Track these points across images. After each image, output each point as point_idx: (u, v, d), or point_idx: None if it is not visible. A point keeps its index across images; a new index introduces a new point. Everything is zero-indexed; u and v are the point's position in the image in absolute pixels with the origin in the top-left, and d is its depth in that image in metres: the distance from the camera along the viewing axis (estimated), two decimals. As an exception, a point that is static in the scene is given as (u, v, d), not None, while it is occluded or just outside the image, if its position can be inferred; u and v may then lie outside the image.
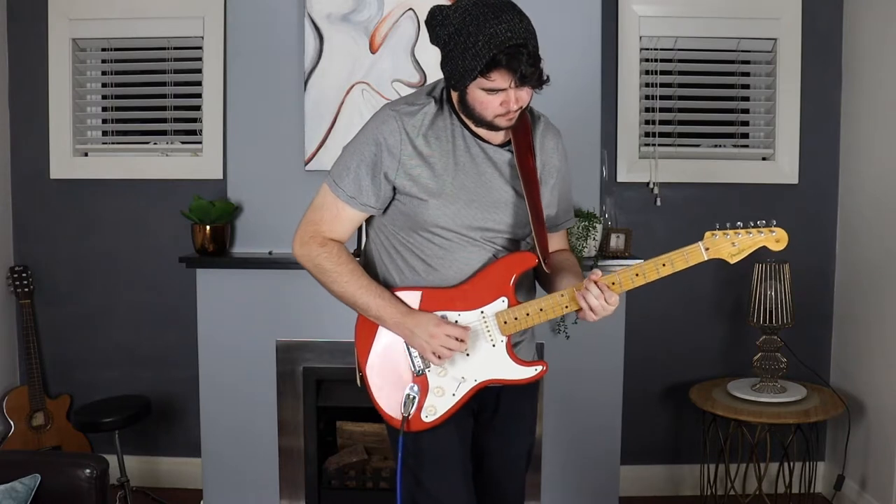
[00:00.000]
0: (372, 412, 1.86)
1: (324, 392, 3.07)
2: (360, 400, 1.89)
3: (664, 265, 1.72)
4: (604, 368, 3.02)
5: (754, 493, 3.08)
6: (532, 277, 1.92)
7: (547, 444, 3.03)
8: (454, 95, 1.74)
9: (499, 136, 1.79)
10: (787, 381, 3.10)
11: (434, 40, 1.68)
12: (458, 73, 1.61)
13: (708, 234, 1.73)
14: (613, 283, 1.72)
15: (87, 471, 2.13)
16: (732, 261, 1.74)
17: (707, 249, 1.72)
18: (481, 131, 1.77)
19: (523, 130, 1.80)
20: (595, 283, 1.70)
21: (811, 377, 3.20)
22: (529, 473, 2.98)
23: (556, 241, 1.97)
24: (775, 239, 1.73)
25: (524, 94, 1.65)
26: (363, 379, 1.85)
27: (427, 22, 1.69)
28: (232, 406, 3.06)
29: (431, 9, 1.68)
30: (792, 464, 3.03)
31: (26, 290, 3.40)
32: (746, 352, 3.25)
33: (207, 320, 3.04)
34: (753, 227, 1.73)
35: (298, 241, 1.82)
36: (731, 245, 1.72)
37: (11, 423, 3.34)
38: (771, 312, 2.98)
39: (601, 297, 1.70)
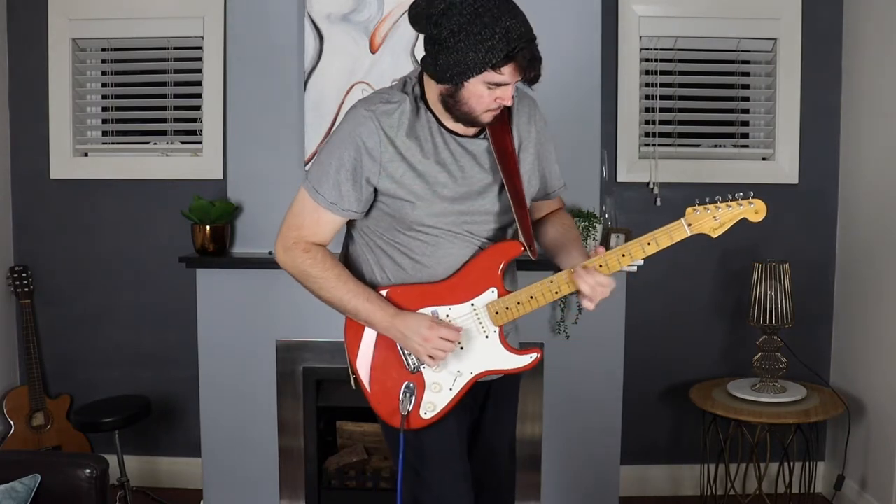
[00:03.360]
0: (372, 412, 1.86)
1: (324, 392, 3.07)
2: (360, 400, 1.89)
3: (649, 244, 1.72)
4: (604, 368, 3.01)
5: (754, 493, 3.08)
6: (516, 267, 1.92)
7: (547, 444, 3.03)
8: (433, 91, 1.69)
9: (472, 128, 1.76)
10: (787, 381, 3.10)
11: (430, 29, 1.59)
12: (464, 65, 1.57)
13: (689, 209, 1.73)
14: (601, 266, 1.73)
15: (87, 471, 2.13)
16: (715, 235, 1.74)
17: (689, 225, 1.72)
18: (456, 126, 1.73)
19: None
20: (584, 269, 1.70)
21: (811, 377, 3.20)
22: (530, 473, 3.02)
23: (550, 204, 1.96)
24: (754, 210, 1.72)
25: (513, 91, 1.66)
26: (357, 381, 1.85)
27: (422, 11, 1.59)
28: (232, 406, 3.06)
29: None
30: (792, 464, 3.03)
31: (26, 290, 3.40)
32: (746, 352, 3.25)
33: (207, 320, 3.04)
34: (733, 200, 1.72)
35: (281, 247, 1.78)
36: (712, 219, 1.72)
37: (11, 423, 3.34)
38: (771, 312, 2.98)
39: (595, 286, 1.71)
